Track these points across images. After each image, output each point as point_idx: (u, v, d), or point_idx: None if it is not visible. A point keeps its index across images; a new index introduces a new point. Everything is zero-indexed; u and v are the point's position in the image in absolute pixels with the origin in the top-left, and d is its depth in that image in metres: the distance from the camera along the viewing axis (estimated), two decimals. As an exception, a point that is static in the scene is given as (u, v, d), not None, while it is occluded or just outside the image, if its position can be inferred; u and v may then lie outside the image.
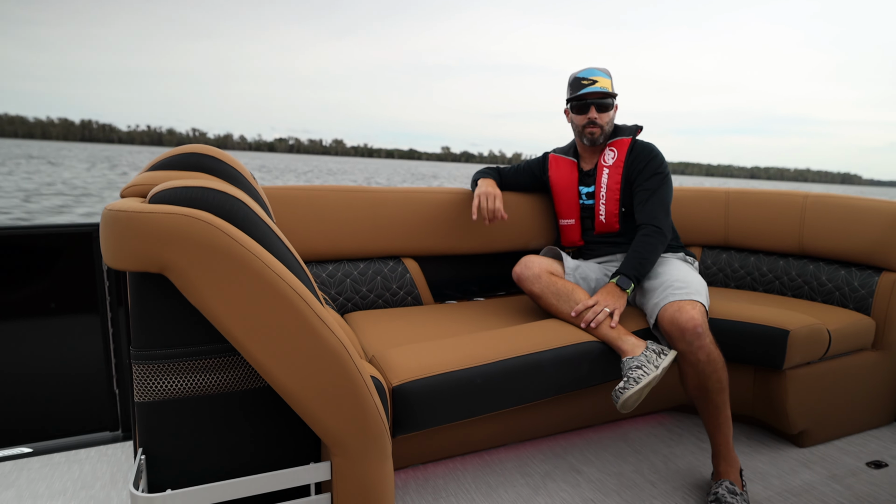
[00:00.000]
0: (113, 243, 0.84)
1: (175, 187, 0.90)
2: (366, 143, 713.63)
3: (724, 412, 1.41)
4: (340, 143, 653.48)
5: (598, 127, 1.77)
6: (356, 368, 0.95)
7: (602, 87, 1.74)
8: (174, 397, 0.93)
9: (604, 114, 1.77)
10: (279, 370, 0.90)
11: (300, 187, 1.75)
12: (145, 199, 0.93)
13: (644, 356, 1.43)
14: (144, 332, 0.91)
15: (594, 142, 1.80)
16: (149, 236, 0.82)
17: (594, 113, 1.76)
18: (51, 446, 1.62)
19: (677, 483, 1.50)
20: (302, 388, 0.91)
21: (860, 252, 1.83)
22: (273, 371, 0.90)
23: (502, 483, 1.48)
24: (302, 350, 0.91)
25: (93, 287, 1.65)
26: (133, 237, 0.82)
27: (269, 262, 0.89)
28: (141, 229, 0.82)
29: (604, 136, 1.80)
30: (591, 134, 1.78)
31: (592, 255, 1.90)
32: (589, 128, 1.78)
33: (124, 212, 0.83)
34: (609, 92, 1.75)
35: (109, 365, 1.69)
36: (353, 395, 0.95)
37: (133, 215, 0.83)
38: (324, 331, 0.92)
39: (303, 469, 0.99)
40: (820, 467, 1.60)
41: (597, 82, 1.74)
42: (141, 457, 0.93)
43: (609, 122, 1.79)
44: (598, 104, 1.75)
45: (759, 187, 2.27)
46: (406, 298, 1.90)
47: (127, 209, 0.83)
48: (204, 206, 0.89)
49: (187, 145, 1.17)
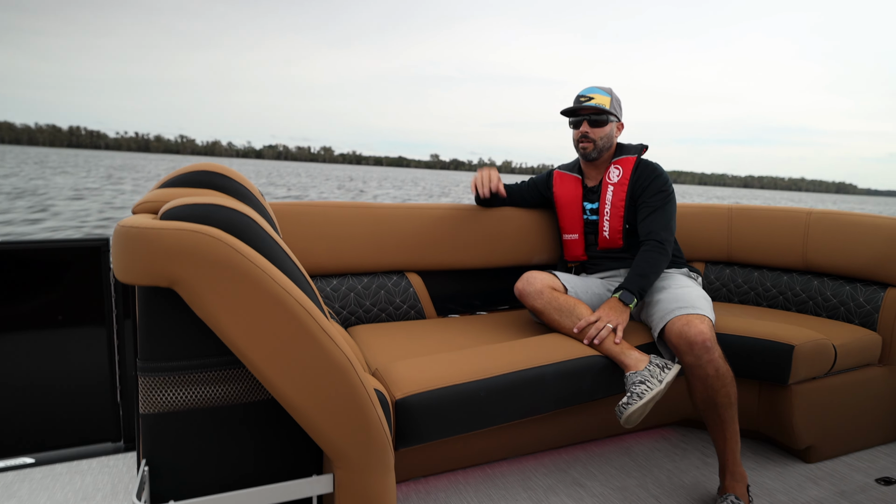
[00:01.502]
0: (124, 258, 0.87)
1: (185, 204, 0.93)
2: (354, 150, 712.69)
3: (732, 427, 1.42)
4: (329, 150, 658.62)
5: (591, 142, 1.82)
6: (360, 381, 0.97)
7: (598, 104, 1.79)
8: (179, 409, 0.95)
9: (597, 129, 1.81)
10: (284, 382, 0.92)
11: (306, 203, 1.79)
12: (157, 216, 0.97)
13: (648, 371, 1.44)
14: (152, 344, 0.93)
15: (587, 156, 1.85)
16: (159, 252, 0.85)
17: (587, 127, 1.81)
18: (53, 457, 1.64)
19: (682, 498, 1.50)
20: (306, 401, 0.93)
21: (865, 268, 1.85)
22: (278, 383, 0.92)
23: (504, 497, 1.49)
24: (307, 363, 0.93)
25: (100, 300, 1.69)
26: (144, 252, 0.85)
27: (276, 276, 0.91)
28: (152, 245, 0.85)
29: (597, 152, 1.84)
30: (584, 148, 1.84)
31: (596, 269, 1.93)
32: (582, 142, 1.83)
33: (136, 228, 0.86)
34: (603, 109, 1.79)
35: (114, 376, 1.72)
36: (357, 407, 0.97)
37: (144, 231, 0.86)
38: (329, 344, 0.94)
39: (305, 481, 1.01)
40: (828, 483, 1.59)
41: (593, 99, 1.80)
42: (144, 468, 0.95)
43: (603, 137, 1.82)
44: (591, 120, 1.80)
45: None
46: (409, 312, 1.93)
47: (139, 225, 0.87)
48: (213, 223, 0.92)
49: (198, 163, 1.21)
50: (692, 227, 2.22)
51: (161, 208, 0.99)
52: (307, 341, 0.92)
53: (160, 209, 1.00)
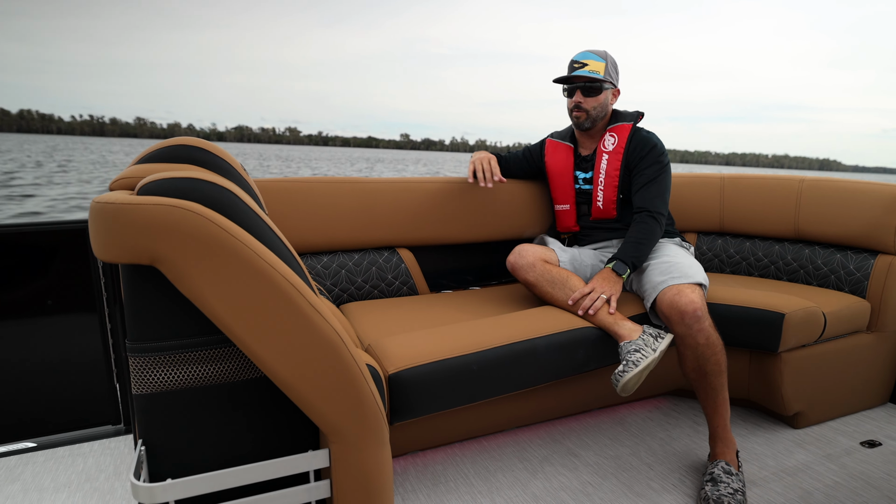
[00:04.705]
0: (102, 235, 0.86)
1: (164, 178, 0.92)
2: (321, 131, 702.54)
3: (722, 394, 1.47)
4: (294, 130, 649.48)
5: (584, 111, 1.80)
6: (351, 356, 0.99)
7: (591, 71, 1.75)
8: (171, 389, 0.96)
9: (590, 98, 1.78)
10: (274, 359, 0.93)
11: (292, 179, 1.79)
12: (134, 192, 0.95)
13: (641, 340, 1.49)
14: (139, 324, 0.93)
15: (580, 126, 1.84)
16: (137, 228, 0.85)
17: (580, 97, 1.78)
18: (55, 440, 1.67)
19: (674, 465, 1.57)
20: (297, 377, 0.95)
21: (856, 235, 1.89)
22: (268, 361, 0.93)
23: (500, 468, 1.54)
24: (296, 339, 0.94)
25: (89, 282, 1.69)
26: (121, 229, 0.85)
27: (261, 251, 0.92)
28: (129, 221, 0.85)
29: (590, 121, 1.82)
30: (577, 118, 1.82)
31: (588, 240, 1.96)
32: (575, 111, 1.81)
33: (112, 203, 0.85)
34: (597, 77, 1.75)
35: (109, 360, 1.73)
36: (349, 382, 0.99)
37: (121, 207, 0.85)
38: (317, 319, 0.95)
39: (301, 457, 1.03)
40: (815, 447, 1.67)
41: (587, 65, 1.76)
42: (141, 448, 0.96)
43: (597, 106, 1.80)
44: (584, 88, 1.78)
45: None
46: (401, 288, 1.95)
47: (115, 201, 0.86)
48: (193, 197, 0.91)
49: (177, 137, 1.19)
50: (684, 197, 2.26)
51: (138, 183, 0.98)
52: (295, 317, 0.93)
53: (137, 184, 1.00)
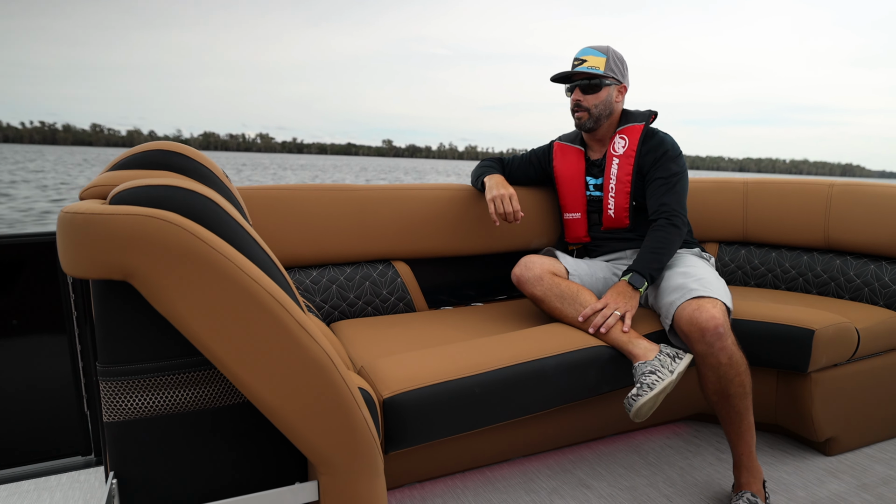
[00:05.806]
0: (70, 249, 0.83)
1: (138, 186, 0.89)
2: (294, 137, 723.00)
3: (747, 419, 1.40)
4: (266, 136, 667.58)
5: (585, 110, 1.74)
6: (342, 379, 0.95)
7: (590, 67, 1.70)
8: (146, 416, 0.92)
9: (590, 95, 1.73)
10: (258, 384, 0.89)
11: (278, 187, 1.74)
12: (106, 201, 0.92)
13: (658, 360, 1.42)
14: (111, 345, 0.90)
15: (583, 127, 1.78)
16: (109, 240, 0.81)
17: (579, 94, 1.74)
18: (18, 473, 1.60)
19: (695, 497, 1.49)
20: (283, 403, 0.90)
21: (891, 244, 1.82)
22: (251, 385, 0.89)
23: (506, 501, 1.47)
24: (282, 361, 0.90)
25: (58, 300, 1.63)
26: (92, 241, 0.81)
27: (244, 265, 0.88)
28: (100, 232, 0.81)
29: (592, 121, 1.76)
30: (579, 118, 1.77)
31: (600, 252, 1.88)
32: (577, 111, 1.76)
33: (82, 214, 0.82)
34: (596, 73, 1.69)
35: (79, 385, 1.67)
36: (339, 408, 0.94)
37: (91, 217, 0.81)
38: (305, 339, 0.91)
39: (288, 489, 0.99)
40: (849, 476, 1.58)
41: (585, 62, 1.71)
42: (112, 481, 0.92)
43: (599, 104, 1.73)
44: (582, 85, 1.72)
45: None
46: (397, 305, 1.89)
47: (85, 211, 0.82)
48: (170, 206, 0.88)
49: (153, 142, 1.16)
50: (704, 205, 2.17)
51: (110, 192, 0.95)
52: (281, 336, 0.89)
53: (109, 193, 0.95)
